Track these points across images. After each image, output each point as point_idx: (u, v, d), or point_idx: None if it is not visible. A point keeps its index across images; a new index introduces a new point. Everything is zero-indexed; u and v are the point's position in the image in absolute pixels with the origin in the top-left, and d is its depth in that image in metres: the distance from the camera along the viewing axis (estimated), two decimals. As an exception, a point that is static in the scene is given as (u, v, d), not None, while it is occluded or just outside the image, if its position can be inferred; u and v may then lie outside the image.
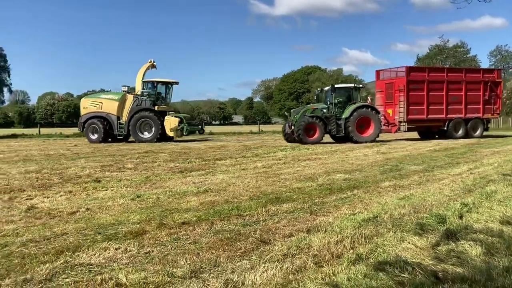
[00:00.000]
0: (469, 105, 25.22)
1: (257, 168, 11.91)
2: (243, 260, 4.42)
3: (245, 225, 5.78)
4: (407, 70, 24.17)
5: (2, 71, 39.02)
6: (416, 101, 24.08)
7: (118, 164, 12.70)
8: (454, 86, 24.77)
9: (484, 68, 27.76)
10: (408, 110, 23.94)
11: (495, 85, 26.00)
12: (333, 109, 22.12)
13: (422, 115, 24.34)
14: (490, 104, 25.80)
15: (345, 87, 23.10)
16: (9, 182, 9.38)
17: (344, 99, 22.41)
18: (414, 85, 24.02)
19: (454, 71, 26.07)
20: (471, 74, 25.92)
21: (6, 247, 4.85)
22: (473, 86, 25.24)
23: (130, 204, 7.17)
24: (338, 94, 22.42)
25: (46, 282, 3.86)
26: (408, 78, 23.89)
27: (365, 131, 22.17)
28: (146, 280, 3.86)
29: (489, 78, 25.80)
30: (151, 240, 5.09)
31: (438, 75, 24.75)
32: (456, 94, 24.89)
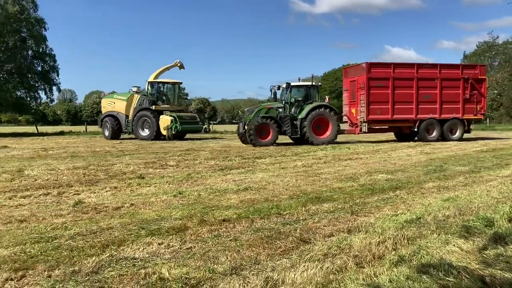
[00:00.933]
0: (445, 104, 22.56)
1: (297, 167, 11.88)
2: (283, 258, 4.43)
3: (285, 224, 5.78)
4: (367, 67, 21.80)
5: (52, 71, 40.60)
6: (378, 100, 21.74)
7: (160, 162, 12.98)
8: (426, 84, 22.27)
9: (464, 64, 24.73)
10: (369, 109, 21.74)
11: (478, 83, 23.12)
12: (289, 109, 20.70)
13: (386, 115, 21.96)
14: (472, 103, 22.97)
15: (302, 85, 21.41)
16: (58, 178, 9.78)
17: (301, 98, 20.96)
18: (377, 83, 21.70)
19: (426, 66, 22.86)
20: (448, 70, 22.96)
21: (56, 239, 5.06)
22: (450, 84, 22.60)
23: (172, 201, 7.32)
24: (295, 92, 21.02)
25: (93, 275, 4.01)
26: (369, 75, 21.62)
27: (323, 132, 20.73)
28: (188, 275, 3.94)
29: (471, 74, 22.95)
30: (193, 236, 5.18)
31: (406, 71, 22.21)
32: (429, 92, 22.38)
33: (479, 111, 23.32)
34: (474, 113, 23.20)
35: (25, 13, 37.73)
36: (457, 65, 23.70)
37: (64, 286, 3.73)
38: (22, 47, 38.21)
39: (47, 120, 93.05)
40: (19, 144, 23.03)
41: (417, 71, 22.27)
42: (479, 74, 23.38)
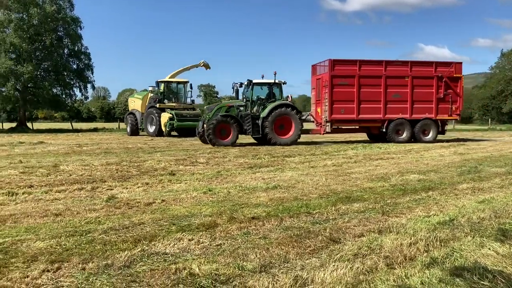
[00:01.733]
0: (417, 104, 21.31)
1: (327, 166, 11.80)
2: (313, 257, 4.41)
3: (314, 223, 5.75)
4: (330, 64, 20.64)
5: (86, 69, 41.66)
6: (342, 99, 20.66)
7: (191, 159, 13.13)
8: (395, 82, 21.00)
9: (438, 61, 22.12)
10: (332, 108, 20.68)
11: (453, 81, 21.72)
12: (250, 107, 19.74)
13: (351, 115, 20.79)
14: (447, 103, 21.62)
15: (264, 83, 20.31)
16: (92, 173, 10.02)
17: (264, 97, 20.05)
18: (341, 81, 20.63)
19: (396, 64, 21.56)
20: (420, 67, 21.68)
21: (90, 233, 5.19)
22: (422, 82, 21.33)
23: (202, 197, 7.39)
24: (257, 90, 20.10)
25: (125, 268, 4.09)
26: (332, 73, 20.53)
27: (285, 132, 19.70)
28: (218, 271, 3.97)
29: (445, 72, 21.55)
30: (222, 233, 5.22)
31: (373, 69, 20.99)
32: (399, 91, 21.08)
33: (455, 111, 21.88)
34: (448, 113, 21.79)
35: (62, 13, 38.81)
36: (430, 63, 22.01)
37: (97, 279, 3.82)
38: (59, 45, 39.33)
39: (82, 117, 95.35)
40: (54, 140, 23.72)
41: (385, 69, 20.99)
42: (454, 72, 21.84)
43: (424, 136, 21.50)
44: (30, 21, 36.76)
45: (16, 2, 36.03)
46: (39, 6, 36.71)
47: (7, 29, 36.87)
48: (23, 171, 10.15)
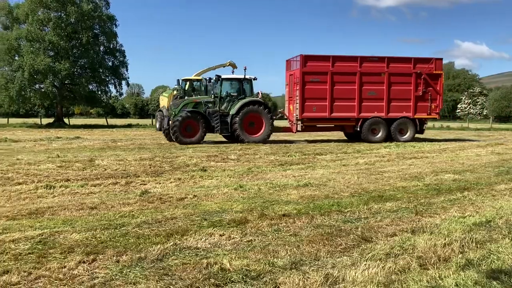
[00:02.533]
0: (394, 102, 20.15)
1: (359, 164, 11.66)
2: (344, 256, 4.38)
3: (346, 221, 5.71)
4: (302, 59, 19.57)
5: (121, 66, 42.52)
6: (314, 96, 19.59)
7: (222, 155, 13.23)
8: (371, 79, 19.92)
9: (417, 57, 20.82)
10: (303, 106, 19.65)
11: (433, 78, 20.55)
12: (219, 104, 18.80)
13: (323, 113, 19.74)
14: (426, 101, 20.43)
15: (234, 79, 19.56)
16: (126, 168, 10.24)
17: (233, 93, 19.11)
18: (313, 77, 19.60)
19: (371, 60, 20.30)
20: (398, 64, 20.47)
21: (123, 227, 5.31)
22: (400, 79, 20.20)
23: (233, 194, 7.44)
24: (226, 86, 19.16)
25: (158, 262, 4.16)
26: (303, 69, 19.47)
27: (256, 131, 18.89)
28: (248, 267, 3.99)
29: (424, 69, 20.38)
30: (253, 229, 5.24)
31: (347, 65, 19.93)
32: (375, 88, 19.96)
33: (434, 110, 20.78)
34: (427, 112, 20.63)
35: (98, 11, 39.70)
36: (409, 59, 20.67)
37: (131, 271, 3.91)
38: (95, 43, 40.26)
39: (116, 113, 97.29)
40: (90, 135, 24.35)
41: (360, 65, 19.94)
42: (434, 68, 20.68)
43: (401, 136, 20.36)
44: (67, 20, 37.78)
45: (55, 1, 37.09)
46: (76, 5, 37.67)
47: (46, 28, 38.01)
48: (60, 165, 10.46)
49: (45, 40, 36.92)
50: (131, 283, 3.65)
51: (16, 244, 4.57)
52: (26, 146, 16.35)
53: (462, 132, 32.15)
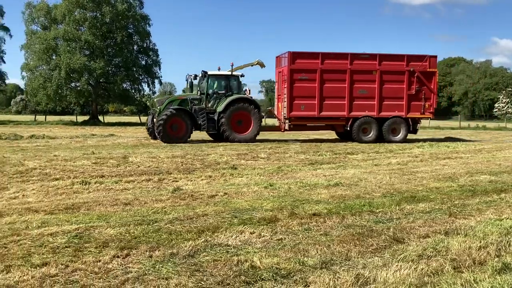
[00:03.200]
0: (386, 100, 19.37)
1: (391, 164, 11.50)
2: (375, 256, 4.34)
3: (377, 221, 5.65)
4: (289, 56, 18.83)
5: (154, 65, 43.23)
6: (303, 95, 18.89)
7: (252, 153, 13.28)
8: (362, 77, 19.22)
9: (410, 55, 19.87)
10: (291, 105, 18.92)
11: (427, 77, 19.72)
12: (205, 101, 18.21)
13: (312, 112, 19.01)
14: (420, 100, 19.62)
15: (220, 75, 18.82)
16: (159, 165, 10.42)
17: (220, 90, 18.47)
18: (301, 75, 18.88)
19: (363, 57, 19.53)
20: (390, 61, 19.63)
21: (156, 223, 5.42)
22: (392, 77, 19.40)
23: (263, 192, 7.47)
24: (213, 83, 18.53)
25: (189, 258, 4.23)
26: (291, 67, 18.75)
27: (243, 129, 18.27)
28: (279, 265, 4.01)
29: (418, 67, 19.55)
30: (283, 228, 5.26)
31: (337, 63, 19.15)
32: (366, 86, 19.25)
33: (428, 109, 19.98)
34: (421, 111, 19.84)
35: (132, 10, 40.45)
36: (401, 56, 19.84)
37: (163, 266, 3.98)
38: (129, 42, 41.05)
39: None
40: (124, 133, 24.87)
41: (351, 63, 19.14)
42: (428, 66, 19.86)
43: (393, 136, 19.59)
44: (103, 19, 38.65)
45: (91, 1, 38.03)
46: (111, 5, 38.51)
47: (82, 27, 39.01)
48: (95, 161, 10.74)
49: (81, 40, 37.90)
50: (164, 278, 3.73)
51: (54, 237, 4.73)
52: (63, 143, 16.84)
53: (500, 132, 31.18)
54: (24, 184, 7.82)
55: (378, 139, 19.30)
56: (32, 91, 39.25)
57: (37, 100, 40.22)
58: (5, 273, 3.77)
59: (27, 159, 10.99)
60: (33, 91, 38.97)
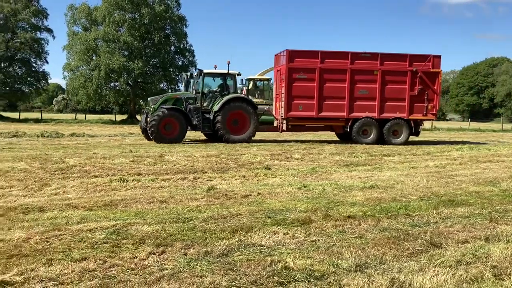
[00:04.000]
0: (387, 101, 18.72)
1: (428, 167, 11.23)
2: (411, 261, 4.25)
3: (413, 225, 5.54)
4: (288, 55, 18.20)
5: (190, 65, 43.83)
6: (301, 94, 18.26)
7: (286, 154, 13.25)
8: (363, 77, 18.52)
9: (413, 54, 18.96)
10: (289, 105, 18.32)
11: (430, 77, 18.91)
12: (201, 100, 17.77)
13: (310, 112, 18.37)
14: (422, 101, 18.89)
15: (216, 73, 18.34)
16: (194, 164, 10.56)
17: (216, 89, 18.09)
18: (300, 74, 18.24)
19: (364, 57, 18.75)
20: (392, 61, 18.92)
21: (191, 221, 5.49)
22: (394, 77, 18.70)
23: (297, 193, 7.45)
24: (208, 81, 18.17)
25: (223, 257, 4.27)
26: (289, 65, 18.12)
27: (240, 129, 17.77)
28: (312, 267, 3.99)
29: (421, 67, 18.76)
30: (317, 230, 5.23)
31: (337, 62, 18.47)
32: (367, 86, 18.56)
33: (430, 111, 19.16)
34: (423, 113, 19.05)
35: (169, 12, 41.13)
36: (404, 56, 19.09)
37: (198, 264, 4.04)
38: (166, 43, 41.76)
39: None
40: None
41: (351, 62, 18.43)
42: (431, 66, 19.01)
43: (394, 138, 18.96)
44: (141, 21, 39.49)
45: (130, 3, 38.92)
46: (149, 6, 39.30)
47: (121, 29, 39.98)
48: (133, 159, 10.98)
49: (120, 41, 38.83)
50: (198, 276, 3.78)
51: (93, 233, 4.87)
52: (102, 141, 17.31)
53: (544, 135, 29.93)
54: (65, 181, 8.08)
55: (378, 141, 18.77)
56: (73, 90, 40.57)
57: (77, 99, 41.55)
58: (47, 266, 3.91)
59: (67, 156, 11.35)
60: (74, 91, 40.27)
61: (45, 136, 19.33)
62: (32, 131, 22.05)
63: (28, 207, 6.04)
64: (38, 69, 45.06)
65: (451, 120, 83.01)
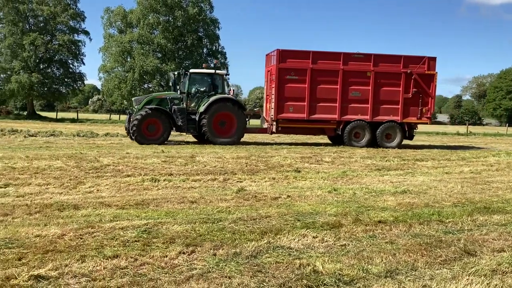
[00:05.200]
0: (380, 104, 18.10)
1: (463, 173, 10.94)
2: (444, 268, 4.15)
3: (447, 232, 5.40)
4: (278, 55, 17.57)
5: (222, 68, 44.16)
6: (291, 96, 17.65)
7: (316, 157, 13.17)
8: (356, 78, 17.90)
9: (408, 56, 18.25)
10: (279, 106, 17.70)
11: (425, 80, 18.23)
12: (186, 100, 17.13)
13: (300, 114, 17.77)
14: (416, 104, 18.27)
15: (203, 73, 17.70)
16: (224, 165, 10.62)
17: (203, 89, 17.35)
18: (290, 75, 17.60)
19: (357, 58, 18.14)
20: (386, 63, 18.27)
21: (220, 222, 5.53)
22: (388, 79, 18.06)
23: (327, 196, 7.39)
24: (195, 81, 17.41)
25: (252, 258, 4.28)
26: (280, 65, 17.51)
27: (227, 131, 17.23)
28: (341, 272, 3.95)
29: (415, 69, 18.09)
30: (347, 234, 5.17)
31: (329, 63, 17.86)
32: (359, 88, 17.96)
33: (425, 114, 18.48)
34: (417, 116, 18.40)
35: (202, 14, 41.63)
36: (398, 57, 18.42)
37: (227, 265, 4.06)
38: (199, 45, 42.30)
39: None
40: (191, 133, 25.54)
41: (344, 63, 17.82)
42: (426, 68, 18.34)
43: (387, 141, 18.32)
44: (175, 23, 40.14)
45: (164, 5, 39.59)
46: (183, 9, 39.89)
47: (155, 31, 40.72)
48: (165, 160, 11.15)
49: (154, 43, 39.55)
50: (227, 277, 3.80)
51: (125, 231, 4.97)
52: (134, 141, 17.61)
53: None
54: (99, 180, 8.27)
55: (371, 144, 18.25)
56: (108, 91, 41.58)
57: (112, 100, 42.55)
58: (80, 262, 4.01)
59: (102, 156, 11.63)
60: (109, 92, 41.28)
61: (80, 135, 19.87)
62: (68, 130, 22.71)
63: (64, 204, 6.22)
64: (75, 70, 46.38)
65: (487, 125, 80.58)
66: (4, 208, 5.90)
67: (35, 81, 41.06)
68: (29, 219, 5.42)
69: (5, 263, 3.95)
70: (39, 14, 42.93)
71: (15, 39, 41.18)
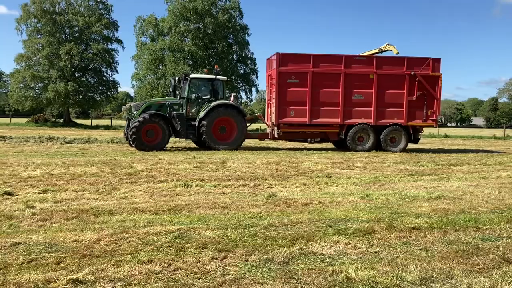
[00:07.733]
0: (383, 107, 17.74)
1: (501, 178, 10.62)
2: (481, 277, 4.04)
3: (484, 239, 5.25)
4: (278, 58, 17.37)
5: (252, 73, 44.46)
6: (292, 100, 17.39)
7: (348, 162, 13.05)
8: (358, 81, 17.54)
9: (411, 57, 17.74)
10: (280, 110, 17.45)
11: (429, 81, 17.76)
12: (186, 106, 16.96)
13: (302, 118, 17.48)
14: (421, 107, 17.84)
15: (203, 78, 17.60)
16: (254, 171, 10.66)
17: (203, 95, 17.20)
18: (291, 79, 17.35)
19: (359, 60, 17.88)
20: (389, 65, 17.90)
21: (252, 227, 5.55)
22: (391, 82, 17.64)
23: (359, 202, 7.31)
24: (195, 87, 17.27)
25: (284, 264, 4.28)
26: (280, 69, 17.30)
27: (227, 137, 17.05)
28: (375, 279, 3.90)
29: (419, 71, 17.64)
30: (380, 241, 5.10)
31: (330, 66, 17.57)
32: (362, 91, 17.58)
33: (430, 117, 18.02)
34: (422, 119, 17.99)
35: (232, 21, 42.00)
36: (401, 59, 18.13)
37: (259, 271, 4.07)
38: (229, 52, 42.68)
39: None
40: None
41: (346, 66, 17.56)
42: (431, 70, 17.86)
43: (392, 145, 18.02)
44: (205, 30, 40.65)
45: (195, 13, 40.15)
46: (213, 16, 40.36)
47: (186, 39, 41.34)
48: (196, 165, 11.28)
49: (184, 50, 40.15)
50: (259, 283, 3.81)
51: (158, 236, 5.05)
52: (167, 147, 17.88)
53: None
54: (133, 185, 8.44)
55: (375, 148, 17.91)
56: (140, 98, 42.38)
57: (144, 107, 43.34)
58: (116, 267, 4.10)
59: (135, 162, 11.86)
60: (142, 99, 42.04)
61: (114, 142, 20.34)
62: (102, 137, 23.28)
63: (99, 209, 6.37)
64: (109, 78, 47.59)
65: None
66: (43, 213, 6.09)
67: (70, 89, 42.31)
68: (66, 224, 5.58)
69: (45, 266, 4.08)
70: (75, 25, 44.29)
71: (52, 49, 42.61)
